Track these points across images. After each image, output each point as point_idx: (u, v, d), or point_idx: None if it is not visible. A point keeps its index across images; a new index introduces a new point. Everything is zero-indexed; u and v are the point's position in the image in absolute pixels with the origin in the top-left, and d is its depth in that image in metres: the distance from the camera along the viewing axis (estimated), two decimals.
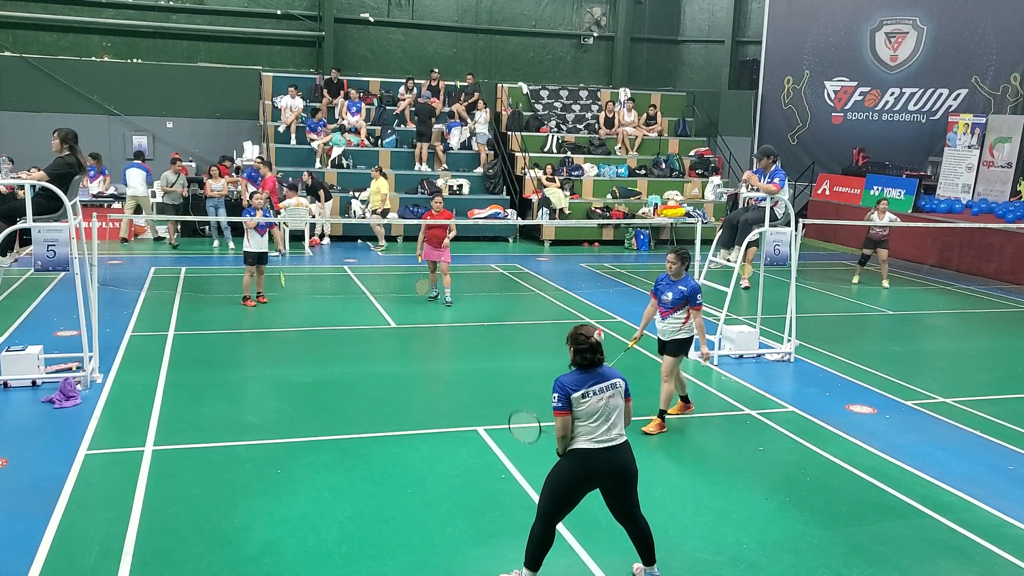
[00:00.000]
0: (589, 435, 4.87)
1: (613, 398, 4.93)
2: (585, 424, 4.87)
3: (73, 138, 8.60)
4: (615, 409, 4.93)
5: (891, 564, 5.59)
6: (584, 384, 4.88)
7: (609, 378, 4.97)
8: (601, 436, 4.88)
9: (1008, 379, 10.14)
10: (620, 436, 4.95)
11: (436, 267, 13.03)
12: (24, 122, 20.09)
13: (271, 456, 6.99)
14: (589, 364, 4.94)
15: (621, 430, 4.97)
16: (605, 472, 4.91)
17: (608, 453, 4.88)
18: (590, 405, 4.86)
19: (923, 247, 18.62)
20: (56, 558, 5.28)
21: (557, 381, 4.91)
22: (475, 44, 25.78)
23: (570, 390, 4.86)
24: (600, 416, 4.88)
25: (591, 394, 4.87)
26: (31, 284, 13.08)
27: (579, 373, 4.94)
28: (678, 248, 8.15)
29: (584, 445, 4.86)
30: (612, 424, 4.91)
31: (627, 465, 4.97)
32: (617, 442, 4.92)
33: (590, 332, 4.97)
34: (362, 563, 5.37)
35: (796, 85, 24.24)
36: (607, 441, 4.88)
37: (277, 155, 19.84)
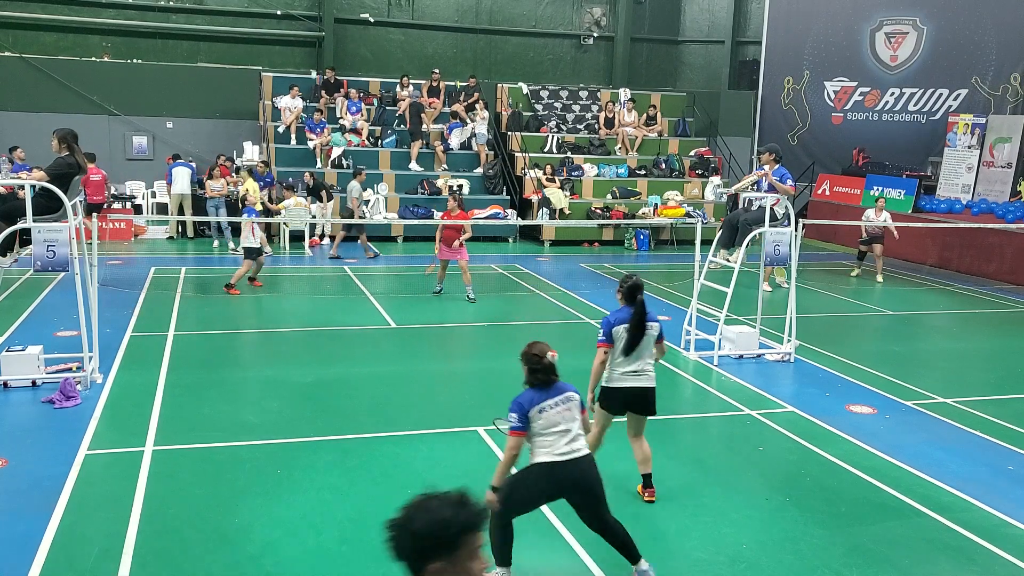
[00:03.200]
0: (549, 448, 4.88)
1: (569, 411, 4.96)
2: (544, 438, 4.89)
3: (73, 138, 8.61)
4: (573, 422, 4.95)
5: (891, 564, 5.59)
6: (540, 400, 4.92)
7: (563, 392, 5.01)
8: (562, 449, 4.88)
9: (1008, 379, 10.14)
10: (581, 449, 4.96)
11: (447, 266, 13.25)
12: (24, 122, 20.07)
13: (271, 456, 6.99)
14: (543, 383, 4.97)
15: (583, 442, 4.98)
16: (568, 485, 4.95)
17: (570, 466, 4.89)
18: (547, 419, 4.88)
19: (923, 247, 18.62)
20: (56, 558, 5.28)
21: (515, 401, 4.92)
22: (475, 44, 25.78)
23: (527, 407, 4.89)
24: (559, 429, 4.90)
25: (547, 408, 4.90)
26: (31, 284, 13.08)
27: (534, 391, 4.97)
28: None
29: (545, 459, 4.88)
30: (572, 437, 4.92)
31: (590, 478, 4.98)
32: (579, 454, 4.93)
33: (543, 352, 5.00)
34: (362, 563, 5.37)
35: (796, 85, 24.24)
36: (568, 454, 4.89)
37: (277, 155, 19.84)
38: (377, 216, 19.30)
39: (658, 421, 8.20)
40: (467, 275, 13.09)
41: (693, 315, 10.56)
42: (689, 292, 11.07)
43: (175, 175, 18.47)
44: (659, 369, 9.96)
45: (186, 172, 18.53)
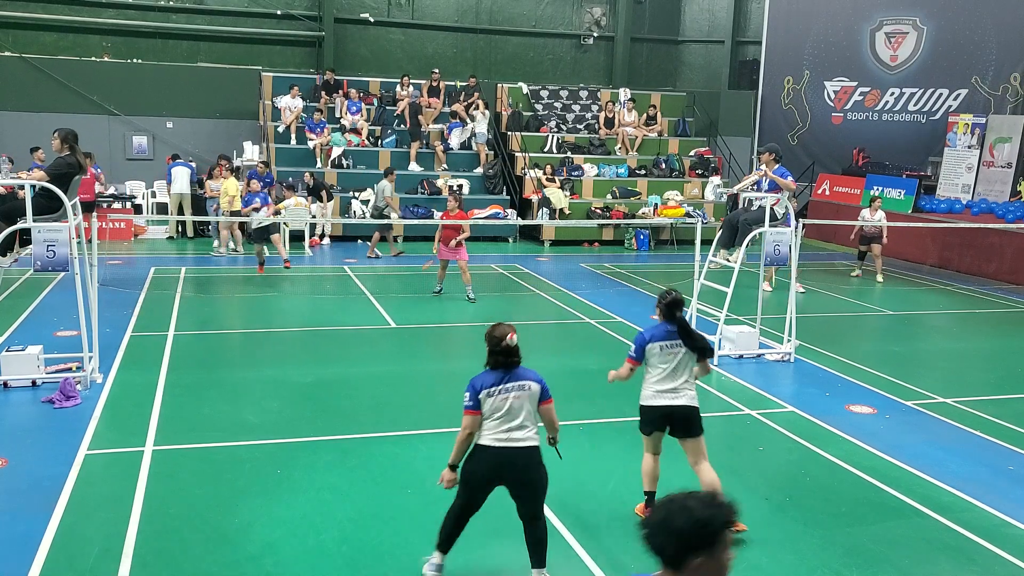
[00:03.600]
0: (491, 432, 4.92)
1: (519, 399, 4.92)
2: (489, 421, 4.92)
3: (73, 138, 8.61)
4: (520, 410, 4.91)
5: (891, 564, 5.59)
6: (492, 383, 4.93)
7: (521, 379, 4.96)
8: (502, 434, 4.89)
9: (1008, 379, 10.14)
10: (526, 439, 4.92)
11: (447, 265, 13.32)
12: (24, 122, 20.08)
13: (271, 456, 6.99)
14: (502, 365, 4.96)
15: (529, 433, 4.94)
16: (507, 473, 4.94)
17: (509, 453, 4.89)
18: (493, 402, 4.90)
19: (923, 247, 18.62)
20: (56, 558, 5.28)
21: (471, 381, 4.97)
22: (475, 44, 25.78)
23: (479, 388, 4.93)
24: (503, 415, 4.90)
25: (496, 392, 4.90)
26: (31, 284, 13.08)
27: (492, 372, 4.98)
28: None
29: (486, 442, 4.92)
30: (516, 425, 4.90)
31: (530, 470, 4.95)
32: (520, 444, 4.90)
33: (503, 334, 4.96)
34: (362, 563, 5.37)
35: (796, 85, 24.24)
36: (508, 441, 4.88)
37: (277, 155, 19.84)
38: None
39: None
40: (467, 275, 13.15)
41: (693, 315, 10.55)
42: (689, 292, 11.06)
43: (174, 175, 18.51)
44: None
45: (185, 172, 18.58)
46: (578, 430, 7.81)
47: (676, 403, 5.86)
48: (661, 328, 5.93)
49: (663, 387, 5.88)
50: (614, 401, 8.70)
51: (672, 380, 5.88)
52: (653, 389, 5.92)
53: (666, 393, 5.89)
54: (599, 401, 8.67)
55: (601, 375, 9.62)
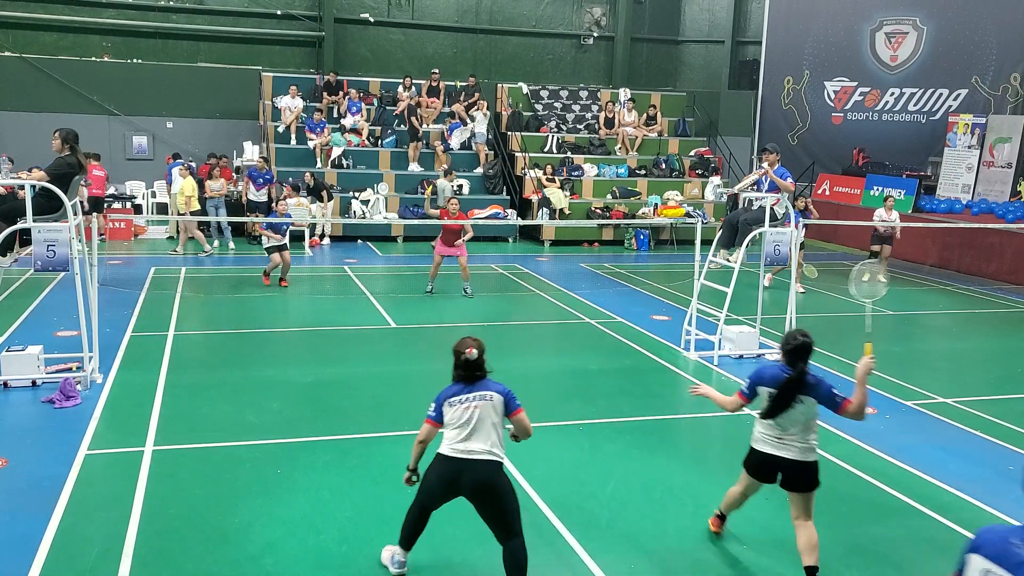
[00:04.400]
0: (449, 442, 4.92)
1: (480, 409, 4.88)
2: (448, 430, 4.94)
3: (74, 138, 8.60)
4: (480, 421, 4.87)
5: (891, 564, 5.59)
6: (453, 394, 4.96)
7: (484, 390, 4.95)
8: (459, 445, 4.87)
9: (1008, 379, 10.14)
10: (483, 452, 4.85)
11: (441, 263, 13.39)
12: (24, 122, 20.08)
13: (271, 456, 6.99)
14: (464, 378, 4.98)
15: (488, 446, 4.86)
16: (463, 484, 4.88)
17: (464, 464, 4.84)
18: (453, 413, 4.91)
19: (923, 247, 18.62)
20: (56, 558, 5.28)
21: (439, 393, 5.01)
22: (475, 44, 25.78)
23: (441, 400, 4.98)
24: (461, 425, 4.88)
25: (456, 403, 4.91)
26: (31, 284, 13.08)
27: (456, 384, 5.01)
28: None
29: (445, 451, 4.93)
30: (473, 437, 4.86)
31: (487, 483, 4.86)
32: (476, 457, 4.84)
33: (463, 348, 4.97)
34: (362, 563, 5.37)
35: (796, 85, 24.24)
36: (464, 452, 4.85)
37: (277, 155, 19.84)
38: (377, 216, 19.31)
39: (658, 421, 8.24)
40: (466, 271, 13.34)
41: (693, 315, 10.56)
42: (689, 292, 11.07)
43: (174, 175, 18.48)
44: (658, 368, 10.04)
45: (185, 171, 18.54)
46: (578, 430, 7.81)
47: (779, 454, 5.23)
48: (777, 371, 5.22)
49: (769, 432, 5.30)
50: (614, 401, 8.71)
51: (779, 428, 5.23)
52: (760, 430, 5.36)
53: (771, 440, 5.28)
54: (599, 401, 8.67)
55: (601, 375, 9.71)
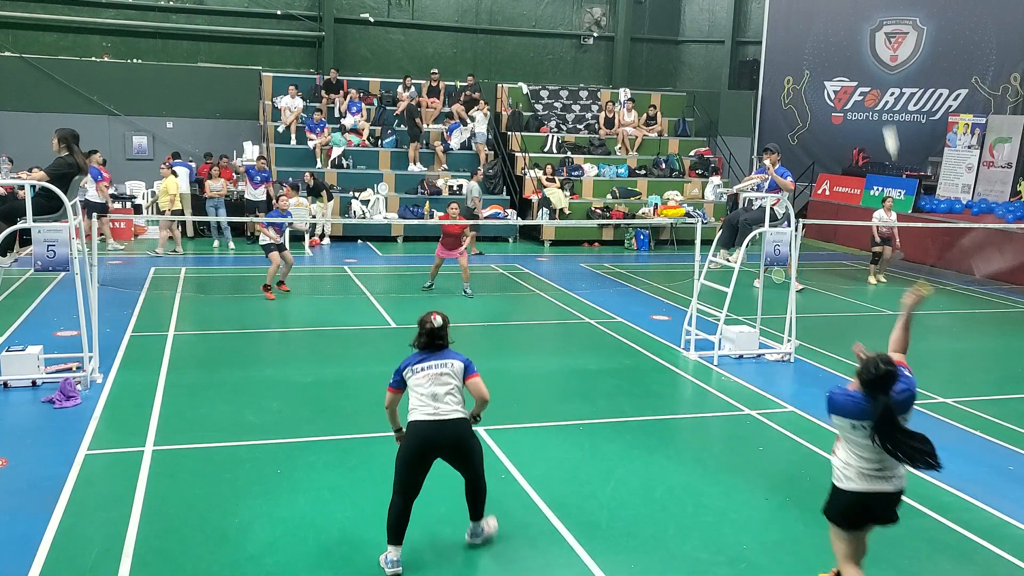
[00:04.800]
0: (419, 408, 5.29)
1: (442, 375, 5.30)
2: (415, 397, 5.31)
3: (73, 138, 8.60)
4: (444, 386, 5.28)
5: (891, 564, 5.59)
6: (415, 362, 5.34)
7: (445, 358, 5.36)
8: (430, 409, 5.26)
9: (1009, 379, 10.14)
10: (452, 412, 5.27)
11: (442, 263, 13.46)
12: (24, 122, 20.08)
13: (271, 456, 6.98)
14: (428, 346, 5.38)
15: (454, 407, 5.28)
16: (439, 444, 5.29)
17: (438, 426, 5.25)
18: (416, 380, 5.30)
19: (923, 247, 18.61)
20: (56, 558, 5.27)
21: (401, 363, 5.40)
22: (475, 44, 25.78)
23: (403, 367, 5.36)
24: (427, 391, 5.27)
25: (419, 370, 5.31)
26: (31, 284, 13.08)
27: (419, 353, 5.39)
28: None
29: (417, 417, 5.29)
30: (441, 400, 5.27)
31: (459, 438, 5.32)
32: (448, 417, 5.26)
33: (428, 317, 5.44)
34: (362, 563, 5.37)
35: (796, 85, 24.24)
36: (436, 415, 5.25)
37: (277, 155, 19.84)
38: (377, 216, 19.31)
39: (658, 421, 8.24)
40: (466, 272, 13.39)
41: (693, 315, 10.56)
42: (689, 292, 11.07)
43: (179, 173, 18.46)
44: (658, 368, 10.04)
45: (184, 172, 18.52)
46: (578, 430, 7.81)
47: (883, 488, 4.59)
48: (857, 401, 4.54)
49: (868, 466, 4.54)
50: (614, 401, 8.71)
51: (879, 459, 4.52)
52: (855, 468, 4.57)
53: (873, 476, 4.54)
54: (599, 401, 8.67)
55: (601, 375, 9.71)
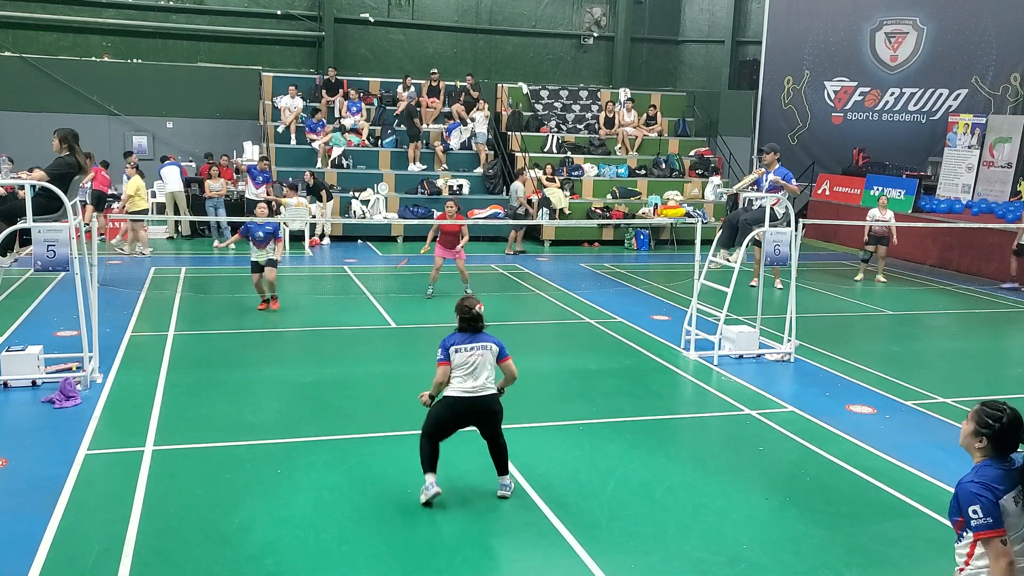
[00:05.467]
0: (458, 384, 6.00)
1: (483, 356, 6.04)
2: (456, 373, 6.00)
3: (73, 138, 8.59)
4: (482, 366, 6.03)
5: (891, 564, 5.59)
6: (460, 342, 6.05)
7: (482, 340, 6.10)
8: (466, 385, 6.00)
9: (1008, 379, 10.14)
10: (486, 388, 6.05)
11: (441, 266, 13.30)
12: (24, 122, 20.09)
13: (271, 456, 6.99)
14: (470, 328, 6.09)
15: (487, 383, 6.05)
16: (474, 416, 6.10)
17: (471, 401, 6.02)
18: (461, 358, 6.00)
19: (923, 247, 18.61)
20: (56, 558, 5.27)
21: (442, 341, 6.09)
22: (475, 44, 25.78)
23: (449, 345, 6.05)
24: (469, 369, 6.00)
25: (463, 350, 6.02)
26: (31, 284, 13.08)
27: (460, 334, 6.10)
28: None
29: (452, 393, 6.02)
30: (479, 376, 6.02)
31: (489, 410, 6.10)
32: (481, 393, 6.03)
33: (473, 304, 6.15)
34: (362, 563, 5.37)
35: (796, 85, 24.24)
36: (473, 391, 6.01)
37: (277, 155, 19.84)
38: (377, 216, 19.31)
39: (658, 421, 8.24)
40: (465, 274, 13.29)
41: (693, 315, 10.56)
42: (689, 292, 11.07)
43: (165, 175, 18.40)
44: (658, 368, 10.05)
45: (176, 170, 18.46)
46: (578, 430, 7.81)
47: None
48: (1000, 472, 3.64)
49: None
50: (614, 401, 8.71)
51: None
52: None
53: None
54: (599, 401, 8.67)
55: (601, 375, 9.72)
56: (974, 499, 3.56)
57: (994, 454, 3.65)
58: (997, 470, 3.61)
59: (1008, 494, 3.57)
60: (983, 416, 3.68)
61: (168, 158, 19.10)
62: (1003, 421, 3.62)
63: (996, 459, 3.65)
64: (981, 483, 3.56)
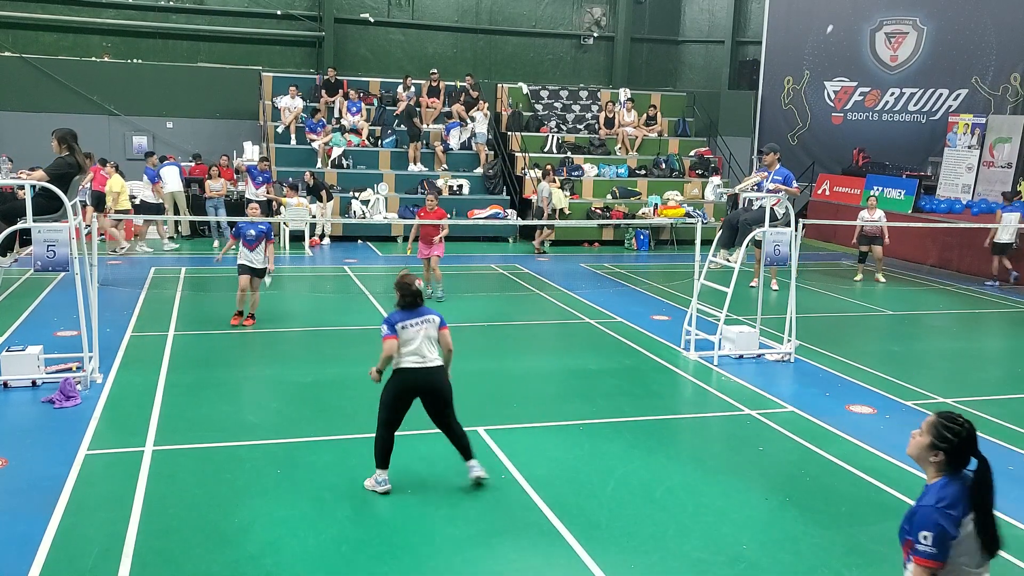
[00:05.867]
0: (407, 357, 6.23)
1: (425, 329, 6.27)
2: (404, 348, 6.22)
3: (72, 138, 8.58)
4: (428, 338, 6.26)
5: (891, 564, 5.58)
6: (404, 319, 6.26)
7: (424, 314, 6.32)
8: (416, 359, 6.23)
9: (1008, 379, 10.14)
10: (433, 360, 6.27)
11: (429, 264, 13.16)
12: (24, 122, 20.08)
13: (271, 456, 6.99)
14: (410, 305, 6.30)
15: (435, 355, 6.29)
16: (421, 387, 6.28)
17: (423, 372, 6.24)
18: (408, 334, 6.22)
19: (923, 247, 18.61)
20: (56, 558, 5.28)
21: (386, 318, 6.28)
22: (475, 44, 25.78)
23: (395, 322, 6.25)
24: (412, 343, 6.21)
25: (409, 325, 6.23)
26: (31, 284, 13.08)
27: (403, 311, 6.31)
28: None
29: (403, 365, 6.24)
30: (423, 350, 6.23)
31: (439, 383, 6.31)
32: (430, 364, 6.25)
33: (412, 280, 6.35)
34: (362, 563, 5.37)
35: (796, 85, 24.24)
36: (422, 362, 6.23)
37: (277, 155, 19.84)
38: (377, 216, 19.31)
39: (658, 421, 8.24)
40: (437, 272, 13.03)
41: (693, 315, 10.56)
42: (689, 292, 11.07)
43: (164, 176, 18.37)
44: (658, 368, 10.04)
45: (174, 171, 18.44)
46: (578, 430, 7.81)
47: None
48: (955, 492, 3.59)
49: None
50: (614, 401, 8.71)
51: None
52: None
53: None
54: (599, 401, 8.67)
55: (601, 375, 9.71)
56: (932, 527, 3.50)
57: (948, 470, 3.57)
58: (955, 489, 3.54)
59: (967, 516, 3.54)
60: (941, 430, 3.59)
61: (168, 158, 19.08)
62: (962, 436, 3.56)
63: (951, 476, 3.58)
64: (944, 510, 3.49)
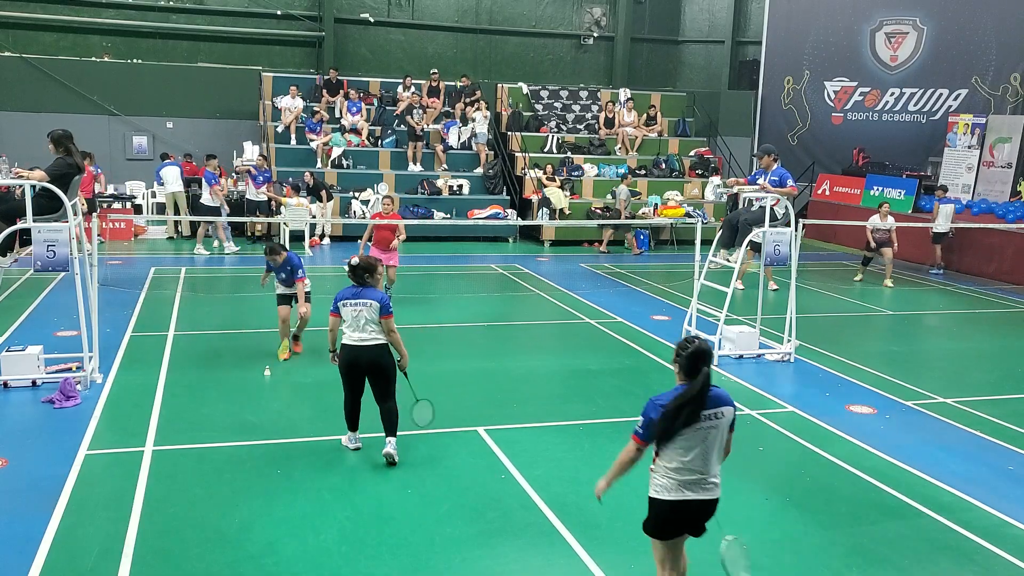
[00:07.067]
0: (348, 334, 6.73)
1: (364, 311, 6.65)
2: (346, 325, 6.72)
3: (68, 139, 8.54)
4: (365, 320, 6.65)
5: (891, 564, 5.59)
6: (346, 297, 6.71)
7: (365, 296, 6.67)
8: (356, 335, 6.70)
9: (1008, 379, 10.14)
10: (372, 339, 6.69)
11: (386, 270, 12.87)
12: (24, 122, 20.08)
13: (271, 456, 6.99)
14: (357, 282, 6.74)
15: (371, 334, 6.68)
16: (361, 362, 6.76)
17: (360, 349, 6.71)
18: (347, 312, 6.69)
19: (924, 247, 18.61)
20: (56, 558, 5.28)
21: (337, 293, 6.75)
22: (475, 44, 25.79)
23: (338, 299, 6.74)
24: (353, 321, 6.67)
25: (349, 304, 6.69)
26: (31, 284, 13.08)
27: (349, 288, 6.75)
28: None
29: (347, 341, 6.75)
30: (362, 329, 6.68)
31: (377, 359, 6.75)
32: (368, 343, 6.70)
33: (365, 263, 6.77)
34: (362, 563, 5.37)
35: (796, 85, 24.24)
36: (360, 340, 6.70)
37: (277, 155, 19.84)
38: None
39: None
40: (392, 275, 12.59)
41: (693, 315, 10.56)
42: (689, 292, 11.07)
43: (164, 175, 18.36)
44: (658, 368, 10.03)
45: (175, 171, 18.42)
46: (578, 430, 7.82)
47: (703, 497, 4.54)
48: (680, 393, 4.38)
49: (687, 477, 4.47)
50: (614, 401, 8.71)
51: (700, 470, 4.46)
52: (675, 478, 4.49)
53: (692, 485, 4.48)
54: (599, 401, 8.68)
55: (601, 375, 9.72)
56: (644, 412, 4.45)
57: (684, 377, 4.39)
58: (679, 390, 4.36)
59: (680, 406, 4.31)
60: (677, 349, 4.48)
61: (168, 157, 19.09)
62: (688, 351, 4.38)
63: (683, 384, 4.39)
64: (656, 402, 4.39)
